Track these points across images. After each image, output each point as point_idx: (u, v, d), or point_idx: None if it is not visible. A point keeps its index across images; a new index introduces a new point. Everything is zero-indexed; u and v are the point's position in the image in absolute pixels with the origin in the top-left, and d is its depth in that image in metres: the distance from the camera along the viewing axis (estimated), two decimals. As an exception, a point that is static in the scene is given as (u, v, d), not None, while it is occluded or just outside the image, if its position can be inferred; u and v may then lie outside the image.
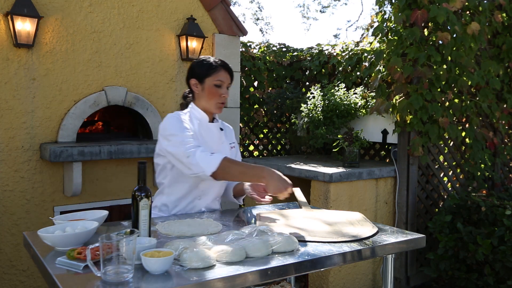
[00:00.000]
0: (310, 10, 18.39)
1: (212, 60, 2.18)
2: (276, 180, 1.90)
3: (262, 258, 1.53)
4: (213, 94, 2.15)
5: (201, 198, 2.23)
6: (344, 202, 3.52)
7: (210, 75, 2.15)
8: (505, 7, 4.07)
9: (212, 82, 2.15)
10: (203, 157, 1.96)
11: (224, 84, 2.16)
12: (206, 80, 2.15)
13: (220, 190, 2.30)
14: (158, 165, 2.22)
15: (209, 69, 2.15)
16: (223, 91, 2.16)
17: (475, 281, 3.35)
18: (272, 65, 4.94)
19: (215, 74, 2.14)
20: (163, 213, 2.22)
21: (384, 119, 3.88)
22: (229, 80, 2.18)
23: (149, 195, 1.66)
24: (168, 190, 2.21)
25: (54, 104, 3.35)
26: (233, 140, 2.38)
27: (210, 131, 2.22)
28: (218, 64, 2.16)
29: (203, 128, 2.19)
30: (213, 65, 2.16)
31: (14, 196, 3.22)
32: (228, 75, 2.17)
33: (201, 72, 2.17)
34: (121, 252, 1.33)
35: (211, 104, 2.18)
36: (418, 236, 1.88)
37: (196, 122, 2.19)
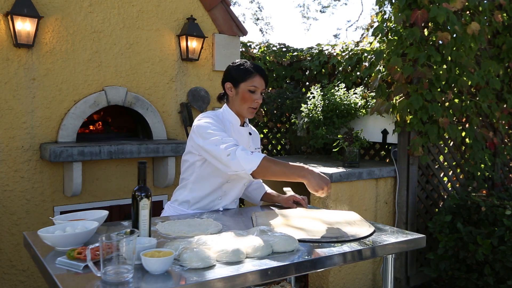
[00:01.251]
0: (310, 10, 18.40)
1: (248, 65, 2.21)
2: (316, 178, 1.94)
3: (262, 258, 1.53)
4: (246, 99, 2.18)
5: (222, 198, 2.27)
6: (344, 202, 3.52)
7: (245, 80, 2.18)
8: (505, 7, 4.07)
9: (247, 87, 2.18)
10: (244, 155, 1.97)
11: (258, 89, 2.19)
12: (241, 85, 2.19)
13: (240, 192, 2.34)
14: (186, 162, 2.25)
15: (245, 74, 2.18)
16: (256, 97, 2.19)
17: (475, 281, 3.35)
18: (272, 65, 4.94)
19: (250, 80, 2.17)
20: (183, 207, 2.25)
21: (384, 119, 3.87)
22: (263, 85, 2.20)
23: (149, 195, 1.66)
24: (193, 186, 2.23)
25: (54, 104, 3.35)
26: (258, 145, 2.43)
27: (241, 135, 2.26)
28: (253, 70, 2.18)
29: (234, 130, 2.24)
30: (248, 70, 2.18)
31: (14, 196, 3.22)
32: (262, 81, 2.19)
33: (237, 76, 2.20)
34: (121, 252, 1.33)
35: (243, 109, 2.21)
36: (418, 236, 1.88)
37: (229, 124, 2.24)
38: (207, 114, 2.20)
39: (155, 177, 3.78)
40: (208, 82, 4.08)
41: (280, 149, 5.21)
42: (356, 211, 3.61)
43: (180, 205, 2.27)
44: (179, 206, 2.27)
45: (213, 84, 4.11)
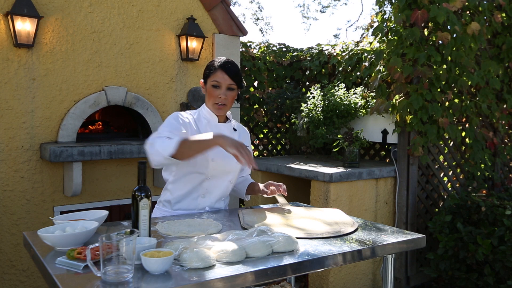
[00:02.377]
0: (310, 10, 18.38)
1: (216, 61, 2.21)
2: (229, 140, 1.88)
3: (262, 258, 1.53)
4: (211, 95, 2.20)
5: (205, 197, 2.24)
6: (344, 202, 3.53)
7: (209, 76, 2.19)
8: (505, 7, 4.07)
9: (211, 83, 2.19)
10: (161, 142, 1.94)
11: (222, 84, 2.17)
12: (207, 81, 2.21)
13: (225, 190, 2.30)
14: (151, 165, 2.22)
15: (209, 70, 2.20)
16: (219, 92, 2.18)
17: (475, 281, 3.35)
18: (272, 65, 4.94)
19: (212, 75, 2.18)
20: (166, 208, 2.24)
21: (384, 119, 3.87)
22: (228, 81, 2.17)
23: (149, 195, 1.66)
24: (172, 186, 2.23)
25: (54, 104, 3.35)
26: (248, 144, 2.40)
27: (219, 131, 2.23)
28: (217, 65, 2.18)
29: (211, 127, 2.23)
30: (212, 66, 2.20)
31: (14, 196, 3.22)
32: (226, 76, 2.16)
33: (205, 73, 2.24)
34: (121, 252, 1.33)
35: (210, 105, 2.23)
36: (418, 236, 1.88)
37: (205, 121, 2.24)
38: (175, 113, 2.21)
39: (155, 177, 3.78)
40: (208, 82, 4.08)
41: (280, 149, 5.21)
42: (356, 211, 3.61)
43: (163, 206, 2.26)
44: (163, 208, 2.26)
45: (213, 84, 4.11)
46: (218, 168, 2.20)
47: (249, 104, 4.83)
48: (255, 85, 4.91)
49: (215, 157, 2.16)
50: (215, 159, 2.17)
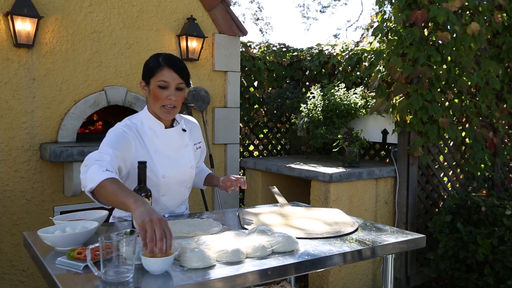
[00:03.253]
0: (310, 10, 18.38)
1: (160, 57, 1.90)
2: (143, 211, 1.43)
3: (262, 258, 1.53)
4: (157, 97, 1.89)
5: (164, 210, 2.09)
6: (344, 202, 3.52)
7: (153, 76, 1.89)
8: (505, 7, 4.07)
9: (156, 83, 1.88)
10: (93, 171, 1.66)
11: (170, 84, 1.88)
12: (151, 81, 1.90)
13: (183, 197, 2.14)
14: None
15: (153, 68, 1.89)
16: (167, 93, 1.88)
17: (475, 281, 3.35)
18: (272, 65, 4.94)
19: (158, 74, 1.88)
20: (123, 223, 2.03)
21: (384, 119, 3.87)
22: (177, 79, 1.88)
23: (149, 195, 1.66)
24: None
25: (54, 104, 3.35)
26: (200, 139, 2.20)
27: (168, 139, 2.00)
28: (162, 62, 1.88)
29: (158, 137, 1.97)
30: (156, 63, 1.88)
31: (14, 196, 3.22)
32: (174, 74, 1.87)
33: (146, 72, 1.92)
34: (121, 252, 1.33)
35: (156, 109, 1.92)
36: (418, 236, 1.88)
37: (150, 132, 1.97)
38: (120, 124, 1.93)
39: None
40: (208, 82, 4.09)
41: (280, 149, 5.21)
42: (356, 211, 3.61)
43: (119, 222, 2.04)
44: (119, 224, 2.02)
45: (213, 84, 4.11)
46: (171, 182, 2.00)
47: (249, 104, 4.83)
48: (255, 85, 4.91)
49: (165, 172, 1.96)
50: (166, 175, 1.96)
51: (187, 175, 2.09)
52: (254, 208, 2.32)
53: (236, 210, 2.32)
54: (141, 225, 1.38)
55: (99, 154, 1.77)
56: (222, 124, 4.15)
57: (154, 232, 1.37)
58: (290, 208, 2.29)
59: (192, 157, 2.11)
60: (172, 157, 2.02)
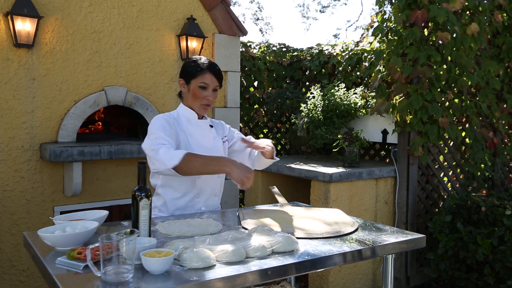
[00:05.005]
0: (310, 10, 18.38)
1: (201, 61, 2.18)
2: (239, 168, 1.93)
3: (262, 258, 1.53)
4: (197, 96, 2.18)
5: (199, 196, 2.24)
6: (344, 202, 3.52)
7: (195, 77, 2.16)
8: (505, 7, 4.07)
9: (197, 84, 2.17)
10: (166, 152, 1.97)
11: (209, 86, 2.17)
12: (192, 81, 2.18)
13: (218, 186, 2.31)
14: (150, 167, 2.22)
15: (195, 70, 2.17)
16: (207, 93, 2.17)
17: (475, 281, 3.35)
18: (272, 65, 4.94)
19: (200, 76, 2.16)
20: (163, 213, 2.23)
21: (384, 119, 3.88)
22: (215, 82, 2.18)
23: (149, 195, 1.66)
24: (162, 190, 2.22)
25: (54, 104, 3.35)
26: (226, 133, 2.40)
27: (200, 128, 2.25)
28: (204, 66, 2.16)
29: (192, 125, 2.23)
30: (199, 66, 2.16)
31: (14, 196, 3.22)
32: (213, 78, 2.17)
33: (188, 73, 2.19)
34: (121, 252, 1.33)
35: (195, 105, 2.21)
36: (418, 236, 1.88)
37: (185, 120, 2.23)
38: (158, 116, 2.21)
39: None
40: (208, 82, 4.08)
41: (280, 149, 5.21)
42: (356, 211, 3.61)
43: (160, 211, 2.24)
44: (159, 213, 2.24)
45: (213, 84, 4.11)
46: None
47: (249, 104, 4.83)
48: (255, 85, 4.91)
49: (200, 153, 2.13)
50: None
51: None
52: (254, 208, 2.32)
53: (236, 210, 2.32)
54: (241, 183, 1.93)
55: (155, 140, 2.03)
56: (222, 124, 4.14)
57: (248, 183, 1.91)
58: (290, 208, 2.29)
59: (221, 147, 2.31)
60: (204, 143, 2.24)
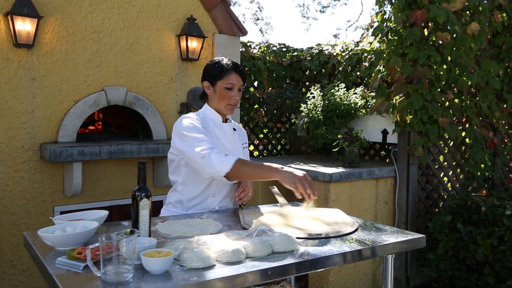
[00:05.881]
0: (310, 10, 18.40)
1: (224, 62, 2.21)
2: (289, 173, 1.93)
3: (262, 258, 1.53)
4: (224, 97, 2.20)
5: (215, 196, 2.27)
6: (344, 202, 3.52)
7: (221, 78, 2.18)
8: (505, 7, 4.07)
9: (223, 85, 2.19)
10: (218, 158, 1.99)
11: (235, 86, 2.20)
12: (218, 83, 2.20)
13: (232, 188, 2.34)
14: (172, 162, 2.27)
15: (220, 72, 2.19)
16: (233, 93, 2.20)
17: (475, 281, 3.35)
18: (272, 65, 4.94)
19: (226, 77, 2.18)
20: (177, 209, 2.26)
21: (384, 119, 3.87)
22: (240, 82, 2.21)
23: (149, 195, 1.66)
24: (182, 187, 2.25)
25: (54, 104, 3.35)
26: (246, 140, 2.44)
27: (224, 131, 2.28)
28: (229, 67, 2.19)
29: (217, 127, 2.26)
30: (224, 67, 2.19)
31: (14, 196, 3.22)
32: (239, 77, 2.20)
33: (213, 75, 2.21)
34: (121, 252, 1.33)
35: (221, 106, 2.23)
36: (418, 236, 1.88)
37: (211, 122, 2.25)
38: (188, 115, 2.22)
39: (155, 177, 3.78)
40: (208, 82, 4.08)
41: (280, 149, 5.21)
42: (356, 211, 3.61)
43: (174, 207, 2.28)
44: (174, 209, 2.28)
45: (213, 84, 4.11)
46: None
47: (249, 104, 4.83)
48: (255, 85, 4.91)
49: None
50: None
51: None
52: (254, 208, 2.32)
53: (236, 210, 2.32)
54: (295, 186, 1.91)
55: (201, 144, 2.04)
56: (222, 124, 4.14)
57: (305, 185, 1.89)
58: (290, 208, 2.29)
59: (241, 152, 2.34)
60: (226, 145, 2.27)
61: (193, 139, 2.06)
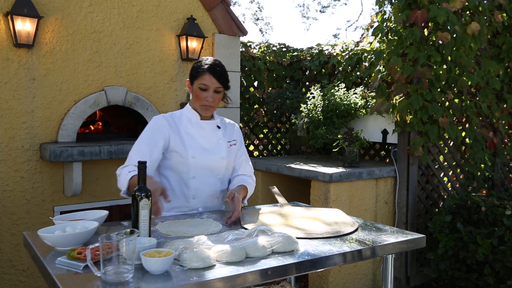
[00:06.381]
0: (310, 10, 18.39)
1: (203, 62, 2.20)
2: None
3: (262, 258, 1.53)
4: (198, 97, 2.20)
5: (196, 197, 2.23)
6: (344, 202, 3.52)
7: (197, 78, 2.18)
8: (505, 7, 4.07)
9: (198, 85, 2.18)
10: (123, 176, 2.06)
11: (209, 88, 2.17)
12: (194, 82, 2.20)
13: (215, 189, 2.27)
14: None
15: (197, 72, 2.19)
16: (207, 94, 2.17)
17: (475, 281, 3.35)
18: (272, 65, 4.94)
19: (200, 78, 2.17)
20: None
21: (384, 119, 3.87)
22: (216, 84, 2.17)
23: (149, 195, 1.66)
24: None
25: (54, 104, 3.35)
26: (234, 138, 2.37)
27: (201, 128, 2.25)
28: (205, 68, 2.17)
29: (192, 125, 2.24)
30: (200, 68, 2.18)
31: (14, 196, 3.22)
32: (214, 79, 2.16)
33: (191, 74, 2.23)
34: (121, 252, 1.33)
35: (197, 106, 2.23)
36: (418, 236, 1.88)
37: (186, 120, 2.25)
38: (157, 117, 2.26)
39: (155, 177, 3.77)
40: (208, 82, 4.08)
41: (280, 149, 5.21)
42: (356, 211, 3.61)
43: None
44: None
45: (213, 84, 4.11)
46: (200, 165, 2.20)
47: (249, 104, 4.83)
48: (255, 85, 4.91)
49: (194, 154, 2.19)
50: (195, 155, 2.19)
51: (217, 163, 2.25)
52: (254, 208, 2.32)
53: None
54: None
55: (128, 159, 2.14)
56: (222, 124, 4.14)
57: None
58: (290, 208, 2.29)
59: (224, 149, 2.28)
60: (202, 143, 2.24)
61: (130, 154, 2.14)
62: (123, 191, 2.07)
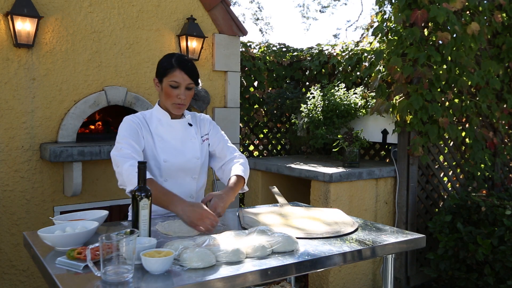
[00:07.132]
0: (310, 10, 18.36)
1: (172, 58, 2.07)
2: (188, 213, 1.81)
3: (262, 258, 1.53)
4: (169, 95, 2.07)
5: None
6: (344, 202, 3.52)
7: (166, 75, 2.06)
8: (505, 7, 4.07)
9: (168, 83, 2.05)
10: (128, 172, 1.90)
11: (181, 85, 2.05)
12: (164, 79, 2.07)
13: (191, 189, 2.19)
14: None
15: (165, 68, 2.06)
16: (178, 92, 2.05)
17: (475, 281, 3.35)
18: (272, 65, 4.94)
19: (170, 74, 2.04)
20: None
21: (384, 119, 3.87)
22: (187, 80, 2.05)
23: (149, 195, 1.66)
24: None
25: (54, 104, 3.35)
26: (206, 131, 2.26)
27: (172, 128, 2.14)
28: (175, 64, 2.04)
29: (162, 126, 2.13)
30: (169, 64, 2.05)
31: (14, 196, 3.22)
32: (185, 76, 2.04)
33: (160, 71, 2.10)
34: (121, 252, 1.33)
35: (168, 105, 2.11)
36: (418, 236, 1.88)
37: (156, 121, 2.14)
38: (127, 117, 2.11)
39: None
40: (208, 82, 4.08)
41: (280, 149, 5.21)
42: (356, 211, 3.61)
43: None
44: None
45: (213, 84, 4.11)
46: (173, 168, 2.10)
47: (249, 104, 4.83)
48: (255, 85, 4.91)
49: (166, 158, 2.09)
50: (167, 160, 2.09)
51: (191, 164, 2.16)
52: (254, 208, 2.32)
53: (236, 210, 2.33)
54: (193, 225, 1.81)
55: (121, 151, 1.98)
56: (222, 124, 4.14)
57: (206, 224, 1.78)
58: (290, 208, 2.29)
59: (197, 149, 2.19)
60: (175, 145, 2.13)
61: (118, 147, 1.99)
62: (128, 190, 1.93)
